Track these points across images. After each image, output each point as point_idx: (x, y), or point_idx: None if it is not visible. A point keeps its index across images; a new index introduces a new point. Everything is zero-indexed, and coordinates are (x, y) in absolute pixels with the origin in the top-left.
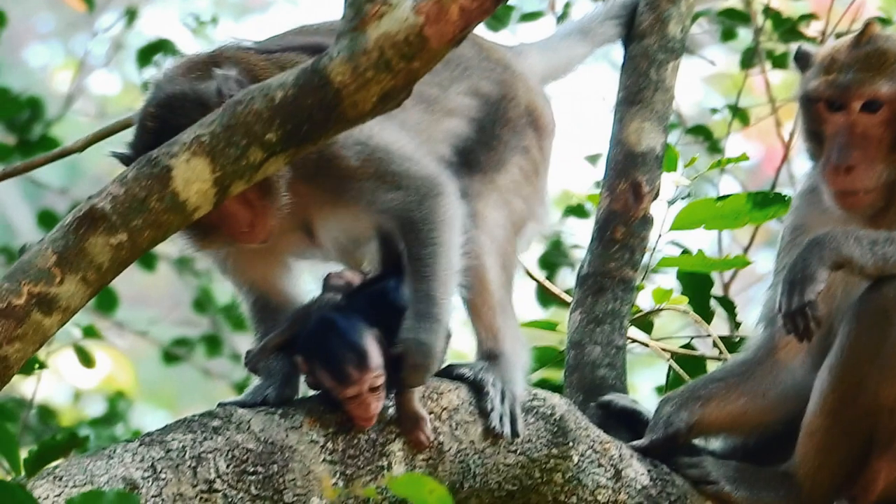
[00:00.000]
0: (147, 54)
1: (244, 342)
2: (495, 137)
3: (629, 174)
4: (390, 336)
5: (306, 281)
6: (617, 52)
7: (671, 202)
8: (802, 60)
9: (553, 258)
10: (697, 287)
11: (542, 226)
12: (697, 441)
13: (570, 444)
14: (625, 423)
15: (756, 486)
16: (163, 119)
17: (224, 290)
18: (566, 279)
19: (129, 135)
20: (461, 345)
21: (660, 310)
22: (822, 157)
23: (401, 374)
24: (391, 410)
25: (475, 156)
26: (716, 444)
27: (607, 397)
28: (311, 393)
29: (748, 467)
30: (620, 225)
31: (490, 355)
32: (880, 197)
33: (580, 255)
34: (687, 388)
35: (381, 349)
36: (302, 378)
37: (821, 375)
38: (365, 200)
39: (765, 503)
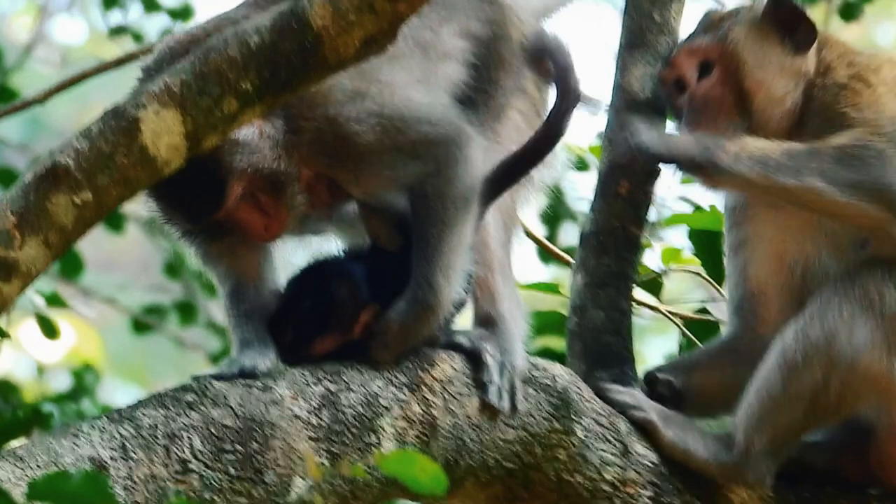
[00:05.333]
0: None
1: (220, 309)
2: (492, 82)
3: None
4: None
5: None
6: None
7: None
8: None
9: (555, 211)
10: (710, 246)
11: (549, 169)
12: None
13: (573, 417)
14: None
15: (686, 430)
16: None
17: None
18: (570, 235)
19: (95, 86)
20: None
21: (669, 271)
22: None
23: (370, 346)
24: (379, 383)
25: (473, 104)
26: None
27: (653, 370)
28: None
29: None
30: (624, 179)
31: (487, 320)
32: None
33: (585, 206)
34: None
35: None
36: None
37: (785, 331)
38: (386, 173)
39: (689, 448)
